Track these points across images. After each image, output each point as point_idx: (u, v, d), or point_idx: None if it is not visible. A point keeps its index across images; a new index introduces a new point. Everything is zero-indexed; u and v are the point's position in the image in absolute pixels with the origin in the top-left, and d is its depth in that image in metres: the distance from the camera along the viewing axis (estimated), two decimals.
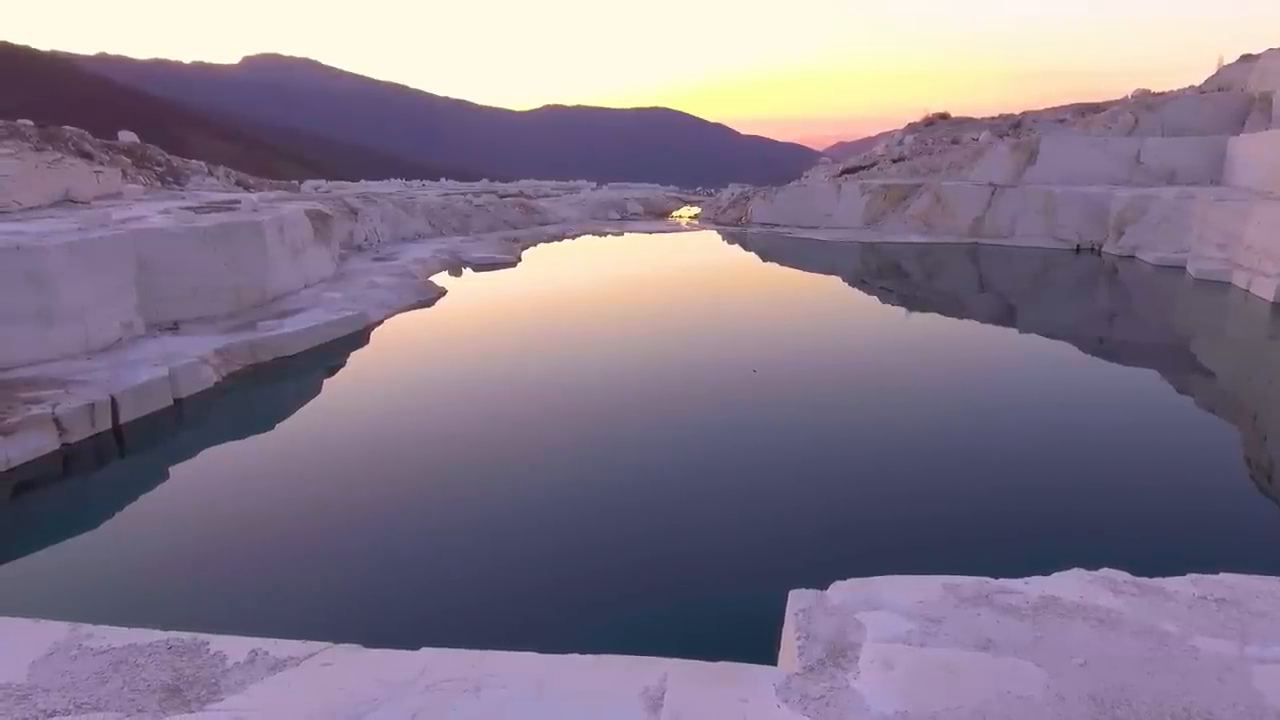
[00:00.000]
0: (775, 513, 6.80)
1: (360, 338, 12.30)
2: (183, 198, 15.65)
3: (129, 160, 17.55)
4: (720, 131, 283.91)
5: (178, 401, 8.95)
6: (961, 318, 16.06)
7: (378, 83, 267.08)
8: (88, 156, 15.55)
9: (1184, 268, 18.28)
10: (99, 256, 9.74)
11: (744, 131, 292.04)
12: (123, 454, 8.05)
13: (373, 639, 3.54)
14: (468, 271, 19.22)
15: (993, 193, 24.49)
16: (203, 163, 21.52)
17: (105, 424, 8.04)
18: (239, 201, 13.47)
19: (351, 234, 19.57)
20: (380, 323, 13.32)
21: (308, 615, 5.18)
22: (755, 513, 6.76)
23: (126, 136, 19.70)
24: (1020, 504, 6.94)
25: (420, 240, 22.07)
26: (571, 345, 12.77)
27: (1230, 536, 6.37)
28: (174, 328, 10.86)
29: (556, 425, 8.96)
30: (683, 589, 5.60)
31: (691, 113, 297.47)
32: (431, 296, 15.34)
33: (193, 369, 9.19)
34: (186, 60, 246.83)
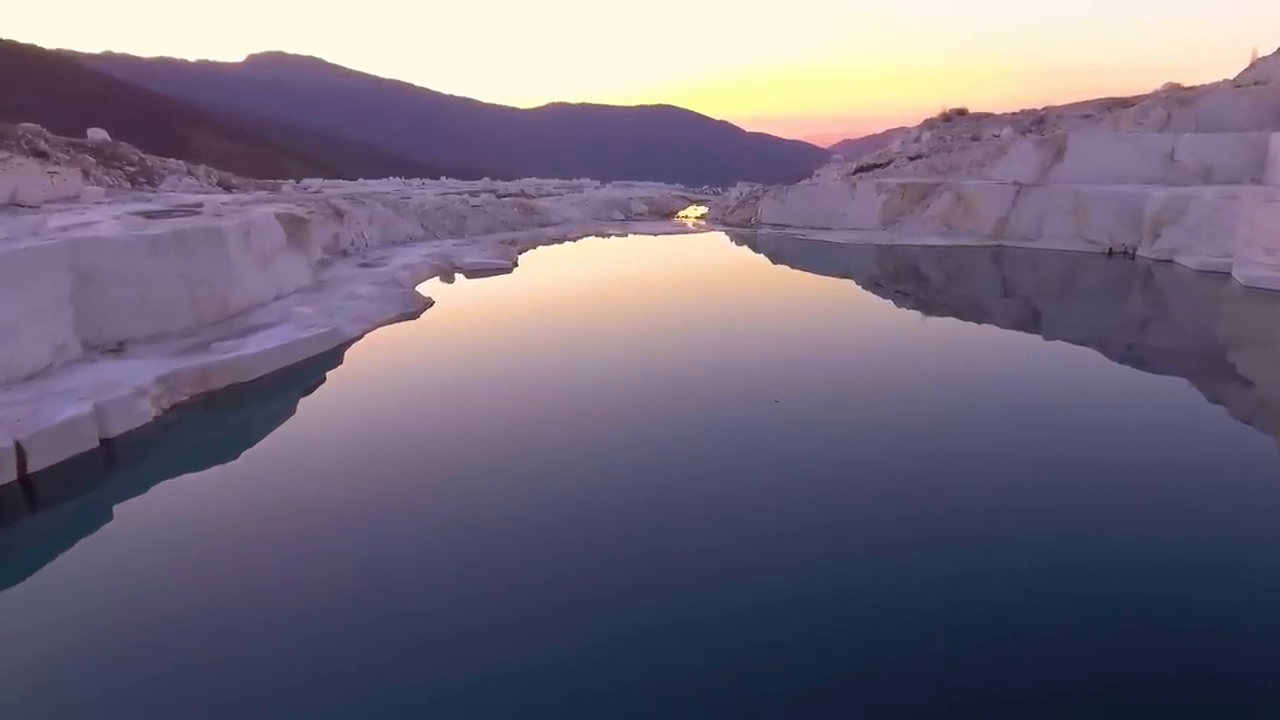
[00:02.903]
0: (803, 591, 5.57)
1: (333, 357, 11.03)
2: (149, 200, 14.44)
3: (94, 160, 16.34)
4: (725, 129, 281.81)
5: (105, 443, 7.69)
6: (991, 330, 14.77)
7: (383, 80, 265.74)
8: (42, 155, 14.34)
9: (1229, 273, 16.98)
10: (24, 269, 8.53)
11: (749, 129, 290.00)
12: (34, 510, 6.82)
13: None
14: (460, 277, 17.99)
15: (1017, 192, 23.17)
16: (182, 162, 20.31)
17: (10, 474, 6.81)
18: (202, 205, 12.26)
19: (337, 238, 18.35)
20: (360, 338, 12.08)
21: None
22: (784, 594, 5.52)
23: (96, 134, 18.49)
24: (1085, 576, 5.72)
25: (412, 243, 20.83)
26: (570, 364, 11.51)
27: None
28: (118, 349, 9.64)
29: (554, 464, 7.75)
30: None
31: (696, 110, 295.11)
32: (417, 308, 14.08)
33: (125, 403, 7.95)
34: (191, 58, 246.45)
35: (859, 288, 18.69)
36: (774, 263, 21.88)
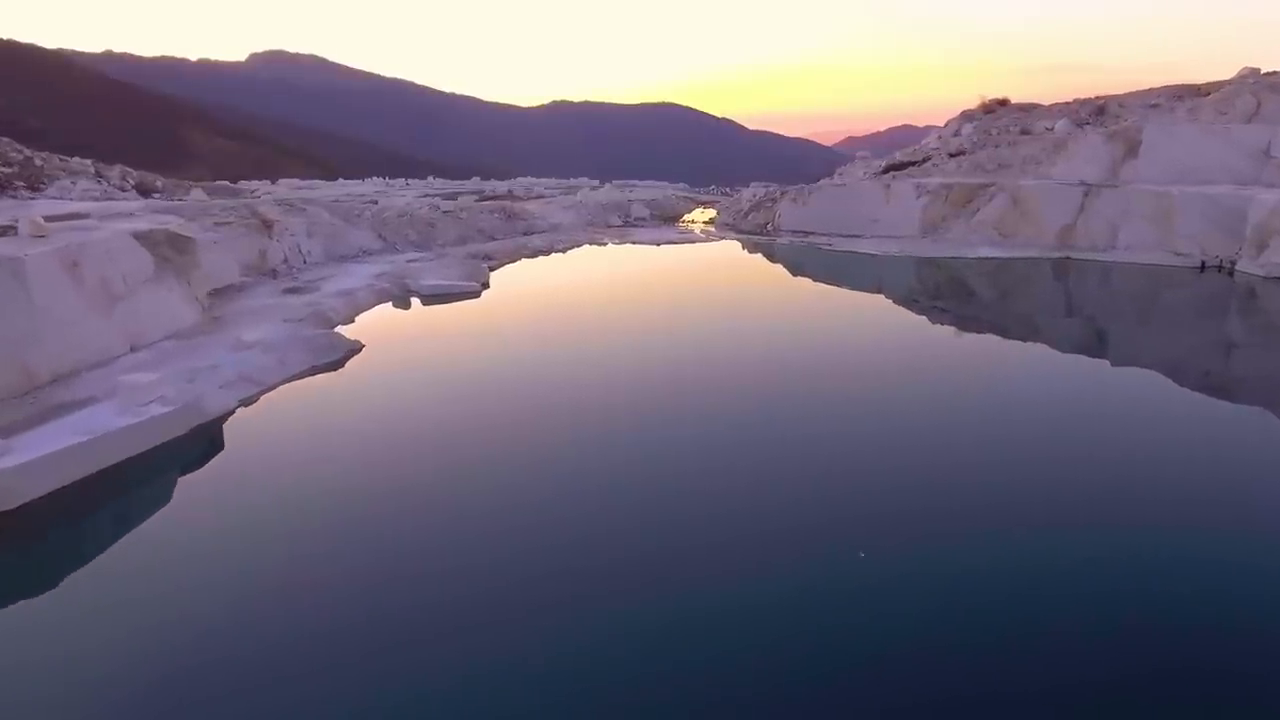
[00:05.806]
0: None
1: (177, 454, 7.39)
2: None
3: None
4: (728, 127, 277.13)
5: None
6: (1071, 368, 11.24)
7: (385, 79, 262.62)
8: None
9: None
10: None
11: (751, 127, 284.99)
12: None
13: None
14: (416, 303, 14.53)
15: (1085, 194, 19.64)
16: (89, 161, 17.00)
17: None
18: (17, 222, 8.81)
19: (264, 255, 14.94)
20: (233, 412, 8.44)
21: None
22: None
23: None
24: None
25: (364, 259, 17.39)
26: (545, 437, 8.06)
27: None
28: None
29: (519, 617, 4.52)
30: None
31: (699, 108, 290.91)
32: (338, 356, 10.55)
33: None
34: (193, 57, 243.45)
35: (941, 331, 15.17)
36: (794, 274, 18.51)
